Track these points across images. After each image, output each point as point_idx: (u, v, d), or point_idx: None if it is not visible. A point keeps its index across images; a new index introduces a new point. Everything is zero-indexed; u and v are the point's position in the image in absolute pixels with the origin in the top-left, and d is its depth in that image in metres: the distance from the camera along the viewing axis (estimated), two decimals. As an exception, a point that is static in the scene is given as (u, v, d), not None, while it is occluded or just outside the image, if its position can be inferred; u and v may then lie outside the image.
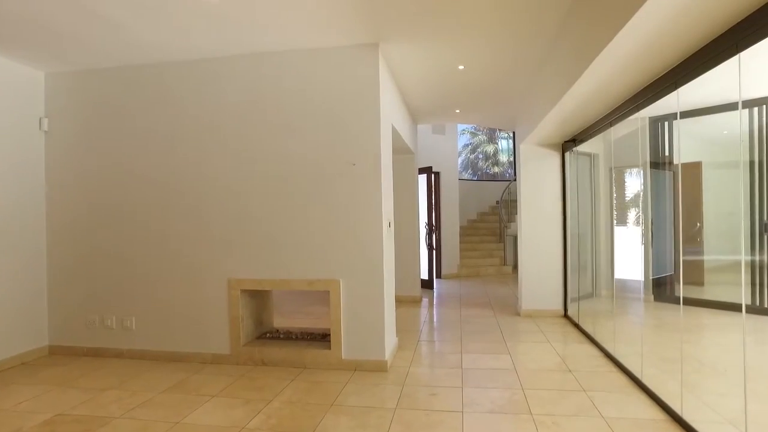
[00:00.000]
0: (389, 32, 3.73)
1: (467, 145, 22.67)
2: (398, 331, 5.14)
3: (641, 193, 3.82)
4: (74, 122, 4.51)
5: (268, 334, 4.52)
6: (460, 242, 10.11)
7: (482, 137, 22.47)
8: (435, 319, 5.91)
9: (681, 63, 2.73)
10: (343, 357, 4.00)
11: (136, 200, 4.37)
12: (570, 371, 3.80)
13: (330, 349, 4.02)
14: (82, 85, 4.48)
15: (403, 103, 5.71)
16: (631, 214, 4.30)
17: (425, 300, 7.24)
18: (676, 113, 3.37)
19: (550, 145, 5.91)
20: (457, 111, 6.57)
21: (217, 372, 3.97)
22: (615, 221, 4.49)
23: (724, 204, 3.17)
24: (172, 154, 4.30)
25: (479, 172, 21.55)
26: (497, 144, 21.98)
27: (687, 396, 2.89)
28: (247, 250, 4.16)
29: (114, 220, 4.41)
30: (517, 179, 6.32)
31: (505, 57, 4.29)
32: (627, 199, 4.35)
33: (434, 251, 8.31)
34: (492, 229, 11.34)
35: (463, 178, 12.52)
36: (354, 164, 3.97)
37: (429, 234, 8.11)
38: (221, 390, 3.54)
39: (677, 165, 3.06)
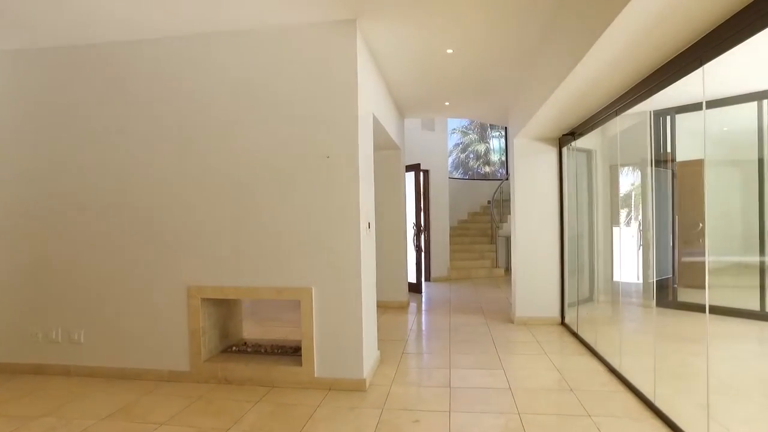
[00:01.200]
0: (368, 5, 3.28)
1: (458, 145, 22.29)
2: (381, 342, 4.69)
3: (644, 191, 3.48)
4: (9, 111, 3.99)
5: (234, 348, 4.04)
6: (451, 243, 9.68)
7: (473, 136, 22.10)
8: (422, 328, 5.46)
9: (706, 35, 2.31)
10: (315, 375, 3.53)
11: (84, 200, 3.87)
12: (571, 390, 3.37)
13: (301, 365, 3.56)
14: (17, 66, 3.97)
15: (388, 94, 5.26)
16: (632, 214, 3.92)
17: (413, 305, 6.80)
18: (681, 105, 3.04)
19: (546, 140, 5.49)
20: (447, 103, 6.13)
21: (173, 392, 3.49)
22: (615, 221, 4.13)
23: (734, 203, 2.88)
24: (125, 148, 3.81)
25: (470, 172, 21.16)
26: (488, 143, 21.62)
27: (712, 425, 2.47)
28: (209, 255, 3.69)
29: (58, 221, 3.91)
30: (510, 176, 5.89)
31: (498, 39, 3.86)
32: (628, 197, 3.98)
33: (422, 253, 7.87)
34: (483, 229, 10.93)
35: (453, 176, 12.08)
36: (328, 157, 3.51)
37: (417, 235, 7.67)
38: (172, 416, 3.06)
39: (701, 161, 2.66)
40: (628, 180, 4.00)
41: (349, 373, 3.50)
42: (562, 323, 5.40)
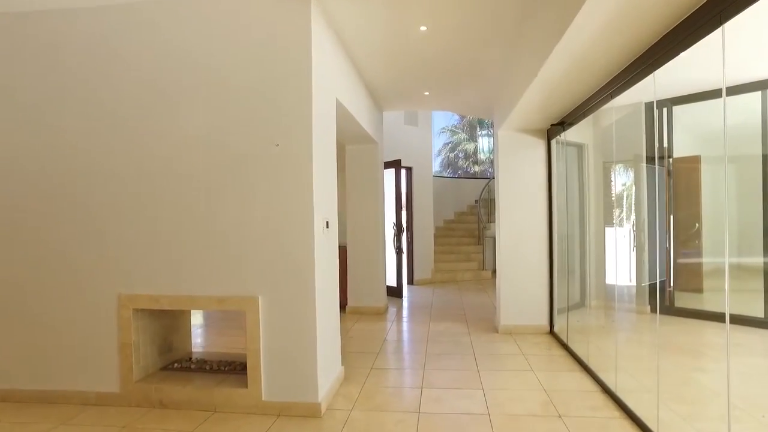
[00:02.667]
0: (321, -34, 2.79)
1: (447, 144, 21.87)
2: (350, 354, 4.20)
3: (639, 189, 3.21)
4: None
5: (176, 365, 3.52)
6: (435, 244, 9.22)
7: (462, 135, 21.69)
8: (398, 337, 4.97)
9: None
10: (263, 398, 3.03)
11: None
12: (560, 417, 2.89)
13: (247, 387, 3.05)
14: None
15: (360, 82, 4.77)
16: (624, 213, 3.54)
17: (392, 311, 6.31)
18: (678, 96, 2.79)
19: (534, 132, 5.03)
20: (426, 93, 5.65)
21: (96, 420, 2.97)
22: (608, 221, 3.73)
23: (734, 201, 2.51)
24: (52, 127, 3.28)
25: (460, 171, 20.74)
26: (477, 142, 21.22)
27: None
28: (144, 258, 3.17)
29: (-29, 217, 3.37)
30: (495, 172, 5.43)
31: (474, 14, 3.38)
32: (621, 195, 3.61)
33: (403, 255, 7.38)
34: (470, 230, 10.47)
35: (438, 174, 11.61)
36: (277, 145, 3.01)
37: (397, 236, 7.19)
38: (82, 453, 2.55)
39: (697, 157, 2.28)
40: (622, 177, 3.62)
41: (302, 396, 3.00)
42: (551, 332, 4.93)
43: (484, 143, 21.00)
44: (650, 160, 3.02)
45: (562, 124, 4.44)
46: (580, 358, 3.95)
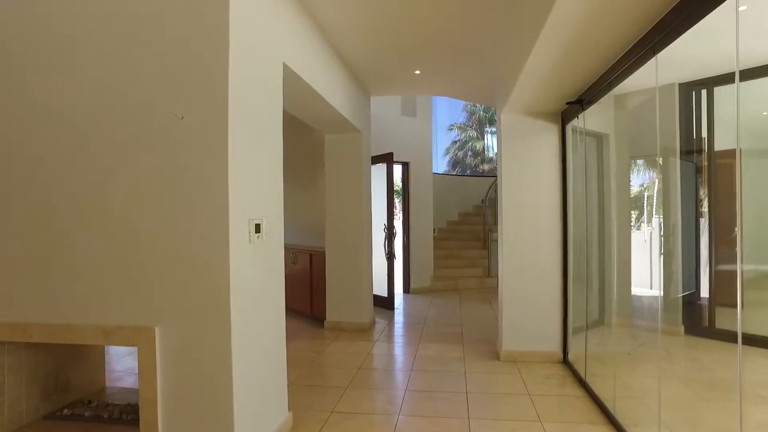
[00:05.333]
0: None
1: (455, 142, 20.96)
2: (311, 389, 3.34)
3: (669, 185, 2.64)
4: None
5: (66, 411, 2.68)
6: (436, 248, 8.30)
7: (472, 132, 20.77)
8: (377, 364, 4.09)
9: None
10: (161, 469, 2.18)
11: None
12: None
13: (141, 451, 2.21)
14: None
15: (334, 55, 3.92)
16: (654, 213, 2.93)
17: (379, 326, 5.43)
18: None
19: (545, 115, 4.12)
20: (417, 72, 4.78)
21: (-70, 497, 2.15)
22: (634, 223, 3.05)
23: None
24: None
25: (468, 170, 19.80)
26: (485, 140, 20.32)
27: None
28: (6, 275, 2.34)
29: None
30: (497, 164, 4.53)
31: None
32: (647, 193, 3.08)
33: (395, 261, 6.50)
34: (476, 232, 9.54)
35: (438, 171, 10.69)
36: (181, 117, 2.15)
37: (388, 240, 6.31)
38: None
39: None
40: (647, 173, 3.12)
41: (214, 468, 2.14)
42: (564, 361, 4.02)
43: (492, 140, 20.05)
44: (684, 152, 2.52)
45: (580, 102, 3.53)
46: (602, 402, 3.04)
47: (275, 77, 2.71)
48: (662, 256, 2.69)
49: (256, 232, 2.36)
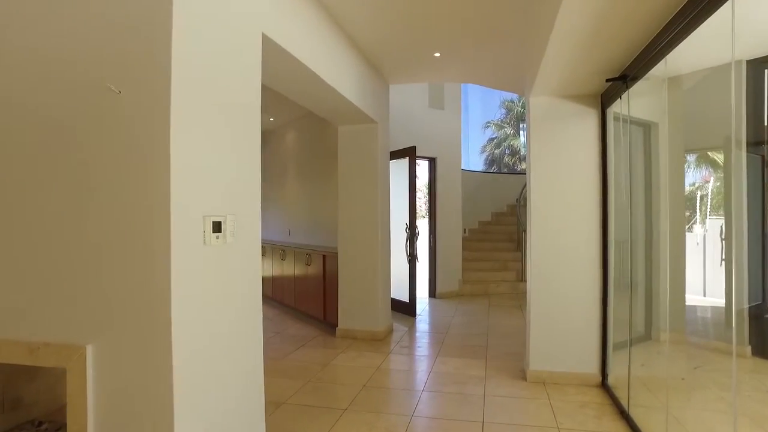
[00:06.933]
0: None
1: (492, 139, 20.24)
2: (304, 410, 2.92)
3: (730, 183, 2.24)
4: None
5: (15, 434, 2.37)
6: (466, 249, 7.76)
7: (509, 130, 19.99)
8: (385, 382, 3.63)
9: None
10: None
11: None
12: None
13: (72, 494, 1.84)
14: None
15: (337, 30, 3.49)
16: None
17: (396, 335, 4.97)
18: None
19: (581, 98, 3.56)
20: (437, 54, 4.29)
21: None
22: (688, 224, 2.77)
23: None
24: None
25: (506, 169, 19.04)
26: (521, 137, 19.55)
27: None
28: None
29: None
30: (527, 156, 3.99)
31: None
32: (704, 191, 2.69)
33: (418, 263, 6.01)
34: (509, 233, 8.94)
35: (468, 168, 10.08)
36: (119, 92, 1.77)
37: (410, 240, 5.84)
38: None
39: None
40: (702, 168, 2.76)
41: None
42: (603, 384, 3.44)
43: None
44: (754, 145, 2.15)
45: (624, 78, 2.95)
46: (651, 444, 2.48)
47: (252, 48, 2.30)
48: (723, 262, 2.29)
49: (215, 232, 1.95)
